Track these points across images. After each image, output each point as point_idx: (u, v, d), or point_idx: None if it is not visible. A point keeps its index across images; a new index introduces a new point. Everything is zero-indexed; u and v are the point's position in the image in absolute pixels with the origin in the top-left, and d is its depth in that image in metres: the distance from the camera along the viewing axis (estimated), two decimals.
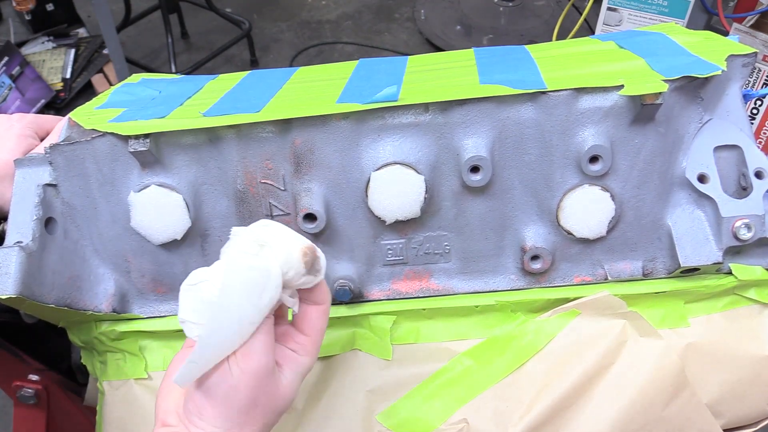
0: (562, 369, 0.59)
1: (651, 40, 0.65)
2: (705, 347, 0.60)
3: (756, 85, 1.32)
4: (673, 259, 0.59)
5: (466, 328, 0.61)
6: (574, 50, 0.67)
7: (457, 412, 0.59)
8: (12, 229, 0.56)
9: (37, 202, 0.57)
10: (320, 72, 0.69)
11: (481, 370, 0.60)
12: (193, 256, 0.61)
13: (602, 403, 0.58)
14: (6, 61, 1.94)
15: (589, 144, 0.55)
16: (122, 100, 0.65)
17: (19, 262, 0.53)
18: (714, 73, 0.54)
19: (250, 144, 0.57)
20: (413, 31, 2.47)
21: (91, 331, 0.62)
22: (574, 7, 1.98)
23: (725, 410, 0.61)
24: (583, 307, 0.59)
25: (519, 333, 0.60)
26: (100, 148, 0.57)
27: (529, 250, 0.59)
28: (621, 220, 0.59)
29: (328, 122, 0.56)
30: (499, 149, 0.57)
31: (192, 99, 0.62)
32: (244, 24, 2.29)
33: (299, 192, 0.58)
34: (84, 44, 2.14)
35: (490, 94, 0.54)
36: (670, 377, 0.58)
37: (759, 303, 0.60)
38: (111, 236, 0.60)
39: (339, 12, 2.60)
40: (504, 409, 0.59)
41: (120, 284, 0.62)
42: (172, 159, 0.57)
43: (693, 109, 0.57)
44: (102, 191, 0.58)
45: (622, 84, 0.54)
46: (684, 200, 0.59)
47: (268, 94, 0.60)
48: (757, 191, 0.56)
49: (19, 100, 1.94)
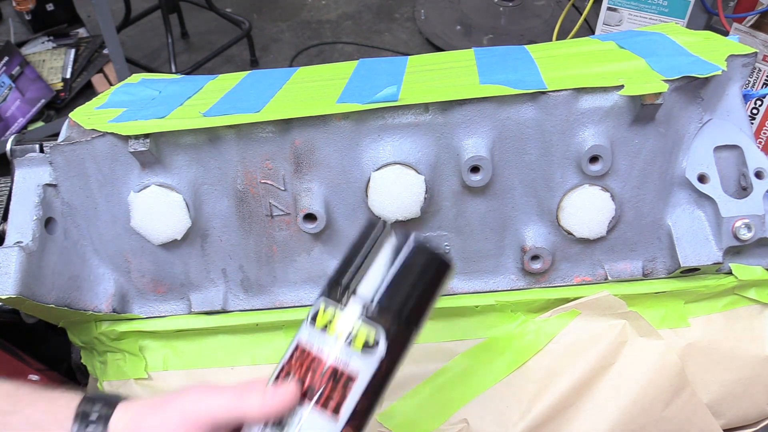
0: (562, 369, 0.59)
1: (651, 40, 0.65)
2: (705, 347, 0.60)
3: (756, 85, 1.32)
4: (673, 259, 0.59)
5: (466, 328, 0.61)
6: (574, 50, 0.67)
7: (457, 412, 0.59)
8: (12, 229, 0.56)
9: (37, 202, 0.57)
10: (320, 72, 0.69)
11: (481, 370, 0.60)
12: (193, 255, 0.61)
13: (602, 403, 0.58)
14: (6, 61, 1.93)
15: (589, 144, 0.55)
16: (122, 100, 0.64)
17: (19, 262, 0.53)
18: (714, 73, 0.54)
19: (250, 144, 0.57)
20: (413, 31, 2.47)
21: (91, 331, 0.62)
22: (574, 7, 1.98)
23: (725, 410, 0.61)
24: (583, 307, 0.59)
25: (519, 333, 0.60)
26: (100, 148, 0.57)
27: (529, 250, 0.59)
28: (621, 220, 0.59)
29: (329, 122, 0.56)
30: (499, 149, 0.57)
31: (192, 99, 0.62)
32: (244, 24, 2.29)
33: (299, 192, 0.58)
34: (84, 44, 2.14)
35: (490, 94, 0.54)
36: (670, 377, 0.58)
37: (759, 303, 0.60)
38: (111, 236, 0.60)
39: (339, 12, 2.60)
40: (504, 409, 0.59)
41: (120, 284, 0.62)
42: (172, 159, 0.57)
43: (693, 109, 0.57)
44: (102, 191, 0.58)
45: (622, 84, 0.54)
46: (684, 200, 0.59)
47: (268, 94, 0.60)
48: (757, 191, 0.56)
49: (19, 100, 1.94)
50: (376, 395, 0.41)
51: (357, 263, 0.42)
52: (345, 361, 0.40)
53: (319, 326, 0.41)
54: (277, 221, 0.59)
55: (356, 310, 0.40)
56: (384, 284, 0.41)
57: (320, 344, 0.40)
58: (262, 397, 0.41)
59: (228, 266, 0.62)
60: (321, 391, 0.39)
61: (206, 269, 0.62)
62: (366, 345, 0.40)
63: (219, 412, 0.41)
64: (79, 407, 0.42)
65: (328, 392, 0.39)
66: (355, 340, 0.40)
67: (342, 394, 0.40)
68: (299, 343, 0.41)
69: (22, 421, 0.41)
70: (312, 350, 0.40)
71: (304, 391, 0.40)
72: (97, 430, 0.41)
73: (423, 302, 0.43)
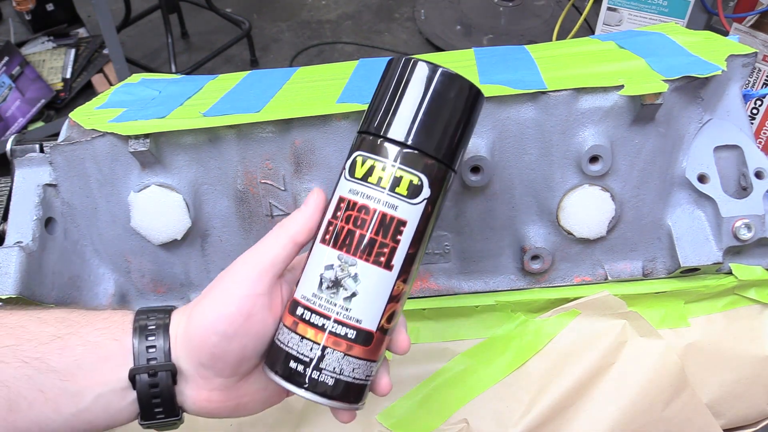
0: (562, 369, 0.59)
1: (651, 40, 0.65)
2: (705, 347, 0.60)
3: (756, 85, 1.32)
4: (673, 259, 0.59)
5: (466, 328, 0.61)
6: (574, 50, 0.67)
7: (457, 412, 0.59)
8: (12, 229, 0.56)
9: (37, 202, 0.57)
10: (320, 72, 0.69)
11: (481, 370, 0.60)
12: (193, 256, 0.61)
13: (602, 403, 0.58)
14: (6, 61, 1.94)
15: (589, 144, 0.55)
16: (122, 100, 0.64)
17: (19, 262, 0.53)
18: (714, 73, 0.54)
19: (250, 144, 0.57)
20: (413, 31, 2.47)
21: None
22: (574, 7, 1.98)
23: (725, 410, 0.61)
24: (583, 307, 0.59)
25: (519, 333, 0.60)
26: (100, 148, 0.57)
27: (529, 250, 0.59)
28: (621, 220, 0.59)
29: (329, 122, 0.56)
30: (499, 149, 0.57)
31: (192, 99, 0.62)
32: (244, 24, 2.29)
33: (299, 192, 0.58)
34: (84, 44, 2.14)
35: (490, 94, 0.54)
36: (670, 377, 0.58)
37: (759, 303, 0.60)
38: (111, 236, 0.60)
39: (339, 12, 2.60)
40: (504, 409, 0.59)
41: (120, 284, 0.62)
42: (172, 159, 0.57)
43: (693, 109, 0.57)
44: (102, 191, 0.58)
45: (622, 84, 0.54)
46: (684, 200, 0.59)
47: (268, 94, 0.60)
48: (757, 191, 0.56)
49: (19, 100, 1.94)
50: (420, 242, 0.41)
51: (386, 106, 0.41)
52: (393, 204, 0.40)
53: (359, 176, 0.40)
54: (277, 221, 0.59)
55: (393, 153, 0.40)
56: (418, 122, 0.40)
57: (364, 193, 0.40)
58: (299, 212, 0.42)
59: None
60: (372, 239, 0.39)
61: (206, 269, 0.62)
62: (410, 187, 0.40)
63: (270, 252, 0.41)
64: (135, 322, 0.41)
65: (380, 240, 0.39)
66: (400, 184, 0.40)
67: (394, 240, 0.40)
68: (341, 197, 0.41)
69: (79, 341, 0.40)
70: (357, 200, 0.40)
71: (355, 244, 0.40)
72: (158, 340, 0.40)
73: (459, 136, 0.42)
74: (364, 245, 0.40)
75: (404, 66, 0.41)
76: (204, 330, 0.40)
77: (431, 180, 0.40)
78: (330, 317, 0.40)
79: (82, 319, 0.41)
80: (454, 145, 0.42)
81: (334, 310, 0.39)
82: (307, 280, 0.41)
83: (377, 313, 0.40)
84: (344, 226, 0.40)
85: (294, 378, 0.40)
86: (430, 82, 0.40)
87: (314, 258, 0.41)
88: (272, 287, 0.41)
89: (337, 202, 0.41)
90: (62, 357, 0.39)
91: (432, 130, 0.40)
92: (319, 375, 0.40)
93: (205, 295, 0.41)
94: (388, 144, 0.40)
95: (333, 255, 0.40)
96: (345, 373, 0.40)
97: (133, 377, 0.39)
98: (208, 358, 0.40)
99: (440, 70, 0.41)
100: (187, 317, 0.41)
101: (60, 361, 0.39)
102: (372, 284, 0.40)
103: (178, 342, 0.41)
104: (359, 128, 0.43)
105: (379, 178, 0.40)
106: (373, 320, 0.40)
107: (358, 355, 0.40)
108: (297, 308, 0.41)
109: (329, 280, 0.40)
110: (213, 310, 0.40)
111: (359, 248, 0.40)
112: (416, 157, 0.40)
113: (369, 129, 0.41)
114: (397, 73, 0.41)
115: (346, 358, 0.40)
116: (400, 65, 0.42)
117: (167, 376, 0.40)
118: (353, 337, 0.40)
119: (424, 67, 0.41)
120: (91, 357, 0.39)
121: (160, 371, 0.40)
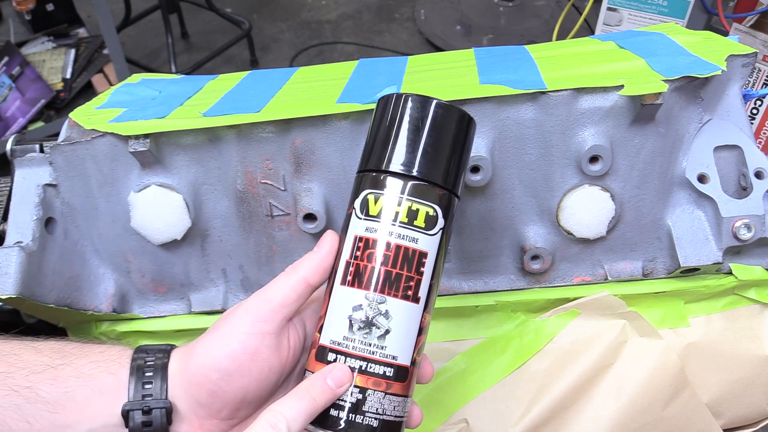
0: (562, 369, 0.59)
1: (651, 40, 0.65)
2: (705, 347, 0.60)
3: (756, 85, 1.32)
4: (673, 259, 0.59)
5: (466, 328, 0.61)
6: (574, 50, 0.67)
7: (456, 412, 0.59)
8: (12, 229, 0.56)
9: (37, 202, 0.57)
10: (320, 72, 0.69)
11: (481, 370, 0.60)
12: (193, 256, 0.61)
13: (602, 403, 0.58)
14: (6, 61, 1.94)
15: (589, 144, 0.55)
16: (122, 100, 0.64)
17: (19, 262, 0.53)
18: (714, 73, 0.54)
19: (250, 144, 0.57)
20: (413, 31, 2.47)
21: (91, 332, 0.62)
22: (574, 7, 1.98)
23: (725, 410, 0.61)
24: (583, 307, 0.59)
25: (519, 333, 0.60)
26: (100, 148, 0.57)
27: (529, 250, 0.59)
28: (621, 220, 0.59)
29: (328, 122, 0.56)
30: (499, 149, 0.57)
31: (192, 99, 0.62)
32: (244, 24, 2.29)
33: (299, 192, 0.58)
34: (84, 44, 2.14)
35: (490, 94, 0.54)
36: (670, 377, 0.58)
37: (759, 303, 0.60)
38: (111, 236, 0.60)
39: (339, 12, 2.60)
40: (504, 409, 0.59)
41: (120, 284, 0.62)
42: (172, 159, 0.57)
43: (693, 109, 0.57)
44: (102, 191, 0.58)
45: (622, 84, 0.54)
46: (684, 200, 0.59)
47: (268, 94, 0.60)
48: (757, 191, 0.56)
49: (19, 100, 1.94)
50: (439, 271, 0.42)
51: (391, 142, 0.41)
52: (414, 237, 0.40)
53: (374, 213, 0.40)
54: (277, 221, 0.59)
55: (405, 187, 0.40)
56: (425, 154, 0.41)
57: (381, 230, 0.40)
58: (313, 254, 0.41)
59: (228, 266, 0.62)
60: (398, 274, 0.39)
61: (206, 269, 0.62)
62: (427, 218, 0.40)
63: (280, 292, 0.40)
64: (134, 360, 0.40)
65: (406, 273, 0.39)
66: (417, 217, 0.40)
67: (418, 273, 0.40)
68: (358, 236, 0.41)
69: (73, 373, 0.39)
70: (376, 237, 0.40)
71: (381, 281, 0.39)
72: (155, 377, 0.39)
73: (462, 163, 0.43)
74: (391, 281, 0.39)
75: (396, 102, 0.42)
76: (205, 366, 0.39)
77: (443, 209, 0.41)
78: (367, 358, 0.39)
79: (79, 350, 0.40)
80: (458, 173, 0.43)
81: (370, 350, 0.39)
82: (334, 323, 0.40)
83: (410, 347, 0.40)
84: (367, 264, 0.40)
85: (332, 425, 0.39)
86: (430, 115, 0.41)
87: (337, 301, 0.41)
88: (281, 328, 0.40)
89: (354, 242, 0.41)
90: (54, 388, 0.38)
91: (438, 160, 0.41)
92: (362, 419, 0.39)
93: (210, 331, 0.40)
94: (397, 179, 0.40)
95: (360, 295, 0.40)
96: (387, 413, 0.40)
97: (127, 413, 0.38)
98: (207, 396, 0.39)
99: (435, 102, 0.41)
100: (188, 354, 0.40)
101: (51, 392, 0.38)
102: (403, 319, 0.40)
103: (176, 380, 0.39)
104: (360, 168, 0.43)
105: (395, 213, 0.40)
106: (407, 355, 0.40)
107: (397, 392, 0.40)
108: (327, 354, 0.40)
109: (360, 320, 0.39)
110: (216, 347, 0.39)
111: (386, 285, 0.39)
112: (427, 188, 0.40)
113: (374, 167, 0.42)
114: (390, 110, 0.42)
115: (387, 397, 0.39)
116: (392, 102, 0.42)
117: (162, 414, 0.39)
118: (391, 374, 0.39)
119: (420, 101, 0.41)
120: (85, 390, 0.38)
121: (155, 409, 0.38)
